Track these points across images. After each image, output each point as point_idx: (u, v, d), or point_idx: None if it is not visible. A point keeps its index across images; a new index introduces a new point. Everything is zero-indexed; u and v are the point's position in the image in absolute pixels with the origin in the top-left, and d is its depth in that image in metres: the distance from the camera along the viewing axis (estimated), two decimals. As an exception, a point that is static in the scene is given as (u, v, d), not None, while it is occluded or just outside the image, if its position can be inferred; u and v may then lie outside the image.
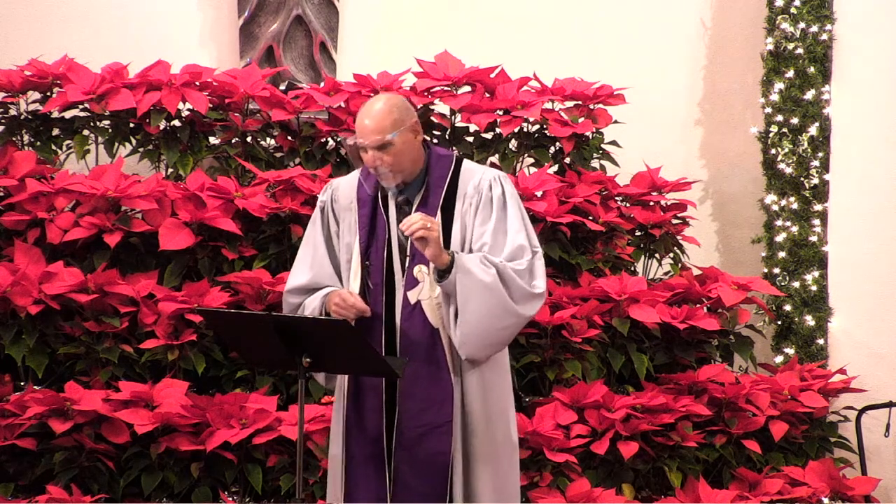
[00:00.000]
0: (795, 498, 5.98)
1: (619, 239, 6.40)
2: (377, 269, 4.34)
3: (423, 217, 4.17)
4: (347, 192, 4.44)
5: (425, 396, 4.28)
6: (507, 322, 4.25)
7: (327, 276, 4.43)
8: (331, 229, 4.46)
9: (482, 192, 4.33)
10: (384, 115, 4.25)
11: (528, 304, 4.26)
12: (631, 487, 5.91)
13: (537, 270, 4.30)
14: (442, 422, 4.27)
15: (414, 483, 4.27)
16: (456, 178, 4.36)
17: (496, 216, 4.31)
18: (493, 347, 4.30)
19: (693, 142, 7.21)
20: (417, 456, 4.28)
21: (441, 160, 4.38)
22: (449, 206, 4.33)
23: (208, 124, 6.36)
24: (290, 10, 6.80)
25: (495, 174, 4.38)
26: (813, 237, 6.78)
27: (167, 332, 5.75)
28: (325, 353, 4.14)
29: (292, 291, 4.47)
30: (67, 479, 5.46)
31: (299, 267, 4.48)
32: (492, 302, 4.21)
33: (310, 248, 4.48)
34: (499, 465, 4.35)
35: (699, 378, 6.10)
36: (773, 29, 6.89)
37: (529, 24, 7.13)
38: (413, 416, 4.29)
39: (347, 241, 4.41)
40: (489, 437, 4.33)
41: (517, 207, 4.35)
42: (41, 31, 6.77)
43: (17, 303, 5.66)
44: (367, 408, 4.34)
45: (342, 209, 4.44)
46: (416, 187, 4.35)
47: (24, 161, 6.05)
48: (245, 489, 5.61)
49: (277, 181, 6.10)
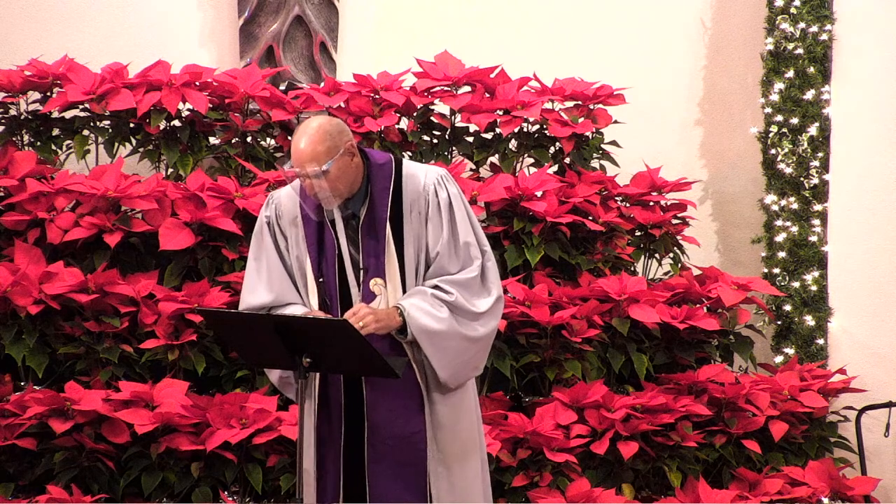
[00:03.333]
0: (795, 498, 5.98)
1: (619, 239, 6.40)
2: (331, 285, 4.29)
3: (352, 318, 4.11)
4: (290, 208, 4.35)
5: (393, 408, 4.27)
6: (474, 350, 4.27)
7: (290, 292, 4.35)
8: (280, 245, 4.38)
9: (429, 199, 4.28)
10: (318, 143, 4.15)
11: (485, 321, 4.27)
12: (631, 487, 5.91)
13: (489, 273, 4.30)
14: (413, 431, 4.27)
15: (391, 495, 4.25)
16: (399, 184, 4.29)
17: (447, 224, 4.28)
18: (476, 369, 4.33)
19: (693, 142, 7.21)
20: (392, 468, 4.26)
21: (381, 169, 4.29)
22: (396, 216, 4.28)
23: (208, 124, 6.36)
24: (290, 10, 6.80)
25: (437, 175, 4.32)
26: (813, 237, 6.78)
27: (167, 332, 5.75)
28: (325, 353, 4.14)
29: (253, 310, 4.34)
30: (67, 479, 5.46)
31: (258, 285, 4.36)
32: (455, 344, 4.23)
33: (263, 264, 4.37)
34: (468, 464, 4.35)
35: (699, 378, 6.10)
36: (773, 29, 6.89)
37: (529, 24, 7.12)
38: (382, 428, 4.26)
39: (297, 254, 4.35)
40: (459, 442, 4.32)
41: (463, 209, 4.31)
42: (41, 31, 6.77)
43: (18, 303, 5.66)
44: (335, 421, 4.31)
45: (287, 224, 4.36)
46: (359, 199, 4.29)
47: (25, 161, 6.05)
48: (245, 489, 5.61)
49: (277, 181, 6.09)
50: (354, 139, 4.28)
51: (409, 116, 6.50)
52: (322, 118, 4.26)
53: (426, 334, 4.21)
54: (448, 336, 4.22)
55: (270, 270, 4.36)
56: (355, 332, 4.12)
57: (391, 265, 4.27)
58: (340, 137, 4.20)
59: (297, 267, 4.36)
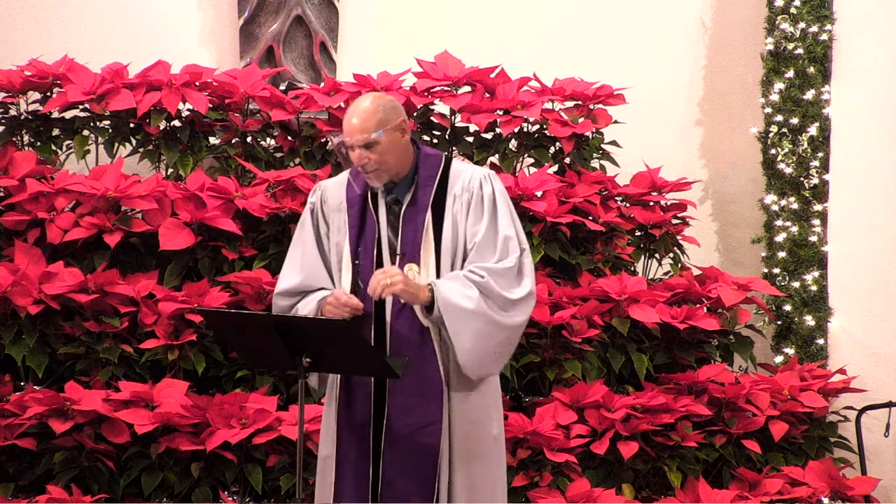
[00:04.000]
0: (795, 498, 5.98)
1: (619, 239, 6.41)
2: (367, 268, 4.32)
3: (380, 274, 4.15)
4: (336, 193, 4.43)
5: (413, 395, 4.27)
6: (500, 337, 4.26)
7: (319, 277, 4.40)
8: (321, 231, 4.44)
9: (473, 191, 4.33)
10: (370, 114, 4.25)
11: (515, 310, 4.26)
12: (631, 487, 5.91)
13: (525, 268, 4.30)
14: (430, 421, 4.27)
15: (400, 482, 4.26)
16: (445, 176, 4.35)
17: (488, 216, 4.31)
18: (498, 362, 4.31)
19: (693, 142, 7.21)
20: (405, 455, 4.27)
21: (430, 159, 4.37)
22: (439, 204, 4.32)
23: (208, 124, 6.36)
24: (290, 11, 6.80)
25: (485, 172, 4.38)
26: (813, 237, 6.78)
27: (167, 332, 5.75)
28: (325, 353, 4.14)
29: (283, 294, 4.43)
30: (67, 479, 5.47)
31: (289, 269, 4.45)
32: (479, 325, 4.21)
33: (299, 249, 4.45)
34: (485, 463, 4.34)
35: (699, 378, 6.10)
36: (773, 29, 6.89)
37: (529, 24, 7.13)
38: (401, 415, 4.27)
39: (337, 240, 4.40)
40: (476, 436, 4.32)
41: (507, 206, 4.34)
42: (41, 31, 6.77)
43: (18, 303, 5.66)
44: (358, 408, 4.33)
45: (331, 210, 4.42)
46: (405, 186, 4.34)
47: (25, 161, 6.05)
48: (245, 489, 5.61)
49: (277, 181, 6.10)
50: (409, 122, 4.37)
51: (409, 116, 6.49)
52: (377, 93, 4.37)
53: (453, 310, 4.19)
54: (475, 315, 4.20)
55: (304, 256, 4.42)
56: (355, 332, 4.12)
57: (427, 252, 4.29)
58: (394, 112, 4.28)
59: (335, 252, 4.40)
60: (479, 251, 4.29)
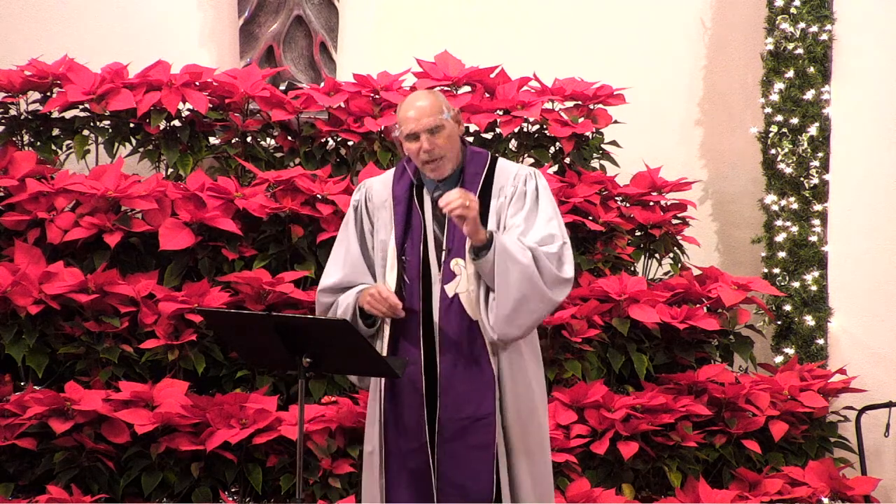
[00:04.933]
0: (795, 498, 5.98)
1: (619, 239, 6.41)
2: (413, 264, 4.37)
3: (462, 193, 4.19)
4: (381, 191, 4.48)
5: (466, 390, 4.30)
6: (537, 305, 4.28)
7: (360, 274, 4.45)
8: (364, 228, 4.49)
9: (517, 186, 4.39)
10: (433, 100, 4.35)
11: (558, 288, 4.30)
12: (631, 487, 5.91)
13: (566, 257, 4.34)
14: (484, 414, 4.29)
15: (458, 477, 4.29)
16: (491, 174, 4.41)
17: (529, 206, 4.36)
18: (521, 329, 4.31)
19: (693, 142, 7.21)
20: (461, 449, 4.30)
21: (476, 157, 4.44)
22: (484, 201, 4.36)
23: (208, 124, 6.36)
24: (290, 10, 6.80)
25: (531, 170, 4.45)
26: (813, 237, 6.79)
27: (167, 332, 5.75)
28: (325, 353, 4.15)
29: (325, 291, 4.48)
30: (67, 479, 5.46)
31: (332, 266, 4.50)
32: (526, 283, 4.24)
33: (342, 247, 4.51)
34: (534, 457, 4.38)
35: (699, 378, 6.10)
36: (773, 29, 6.89)
37: (529, 24, 7.13)
38: (454, 410, 4.30)
39: (382, 238, 4.44)
40: (525, 430, 4.36)
41: (549, 200, 4.40)
42: (41, 31, 6.77)
43: (17, 303, 5.66)
44: (406, 403, 4.36)
45: (376, 207, 4.47)
46: (451, 183, 4.39)
47: (25, 161, 6.05)
48: (245, 489, 5.61)
49: (277, 181, 6.09)
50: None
51: (409, 116, 6.49)
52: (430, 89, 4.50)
53: (507, 257, 4.22)
54: (524, 271, 4.22)
55: (347, 253, 4.48)
56: (355, 332, 4.13)
57: None
58: (450, 104, 4.40)
59: (380, 249, 4.44)
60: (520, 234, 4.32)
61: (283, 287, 5.78)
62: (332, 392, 5.76)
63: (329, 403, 5.69)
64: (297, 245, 6.01)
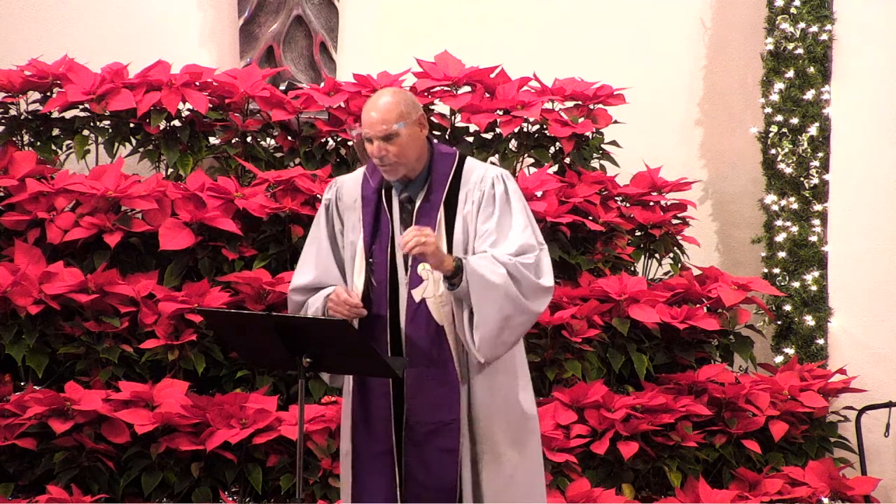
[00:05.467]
0: (795, 498, 5.98)
1: (619, 239, 6.40)
2: (381, 267, 4.34)
3: (416, 230, 4.16)
4: (352, 190, 4.44)
5: (433, 395, 4.28)
6: (520, 319, 4.25)
7: (332, 275, 4.42)
8: (335, 227, 4.45)
9: (485, 190, 4.33)
10: (391, 106, 4.28)
11: (538, 299, 4.27)
12: (631, 487, 5.91)
13: (544, 266, 4.31)
14: (450, 419, 4.27)
15: (424, 480, 4.27)
16: (459, 175, 4.36)
17: (500, 212, 4.31)
18: (506, 346, 4.29)
19: (693, 142, 7.21)
20: (428, 453, 4.28)
21: (444, 157, 4.38)
22: (452, 203, 4.32)
23: (208, 124, 6.36)
24: (290, 10, 6.80)
25: (498, 172, 4.38)
26: (813, 237, 6.78)
27: (167, 332, 5.75)
28: (325, 353, 4.14)
29: (297, 290, 4.45)
30: (67, 479, 5.46)
31: (304, 266, 4.47)
32: (505, 302, 4.20)
33: (314, 246, 4.47)
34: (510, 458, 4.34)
35: (699, 378, 6.10)
36: (773, 29, 6.89)
37: (529, 24, 7.12)
38: (422, 414, 4.28)
39: (352, 239, 4.41)
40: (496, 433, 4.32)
41: (521, 204, 4.35)
42: (41, 31, 6.76)
43: (17, 303, 5.66)
44: (374, 405, 4.34)
45: (346, 207, 4.43)
46: (419, 184, 4.35)
47: (25, 161, 6.05)
48: (245, 489, 5.61)
49: (277, 181, 6.09)
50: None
51: (408, 116, 6.49)
52: (396, 88, 4.41)
53: (480, 281, 4.18)
54: (501, 291, 4.19)
55: (318, 253, 4.44)
56: (355, 332, 4.12)
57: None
58: (413, 107, 4.31)
59: (349, 250, 4.41)
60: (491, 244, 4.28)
61: (283, 287, 5.78)
62: (332, 392, 5.76)
63: (329, 403, 5.69)
64: (297, 245, 6.00)
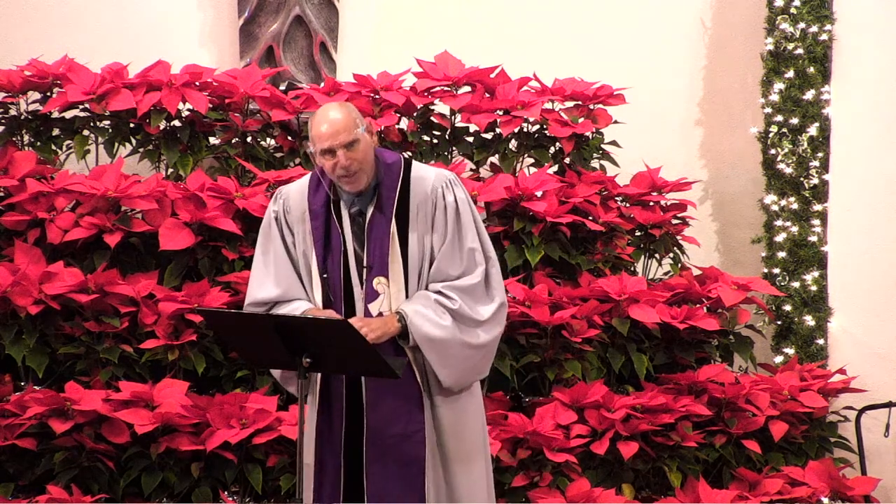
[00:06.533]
0: (795, 498, 5.98)
1: (619, 239, 6.40)
2: (335, 282, 4.30)
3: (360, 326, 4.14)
4: (298, 202, 4.37)
5: (393, 408, 4.27)
6: (477, 357, 4.29)
7: (296, 287, 4.36)
8: (287, 240, 4.39)
9: (436, 201, 4.30)
10: (346, 114, 4.24)
11: (490, 329, 4.28)
12: (631, 487, 5.91)
13: (493, 280, 4.30)
14: (413, 430, 4.26)
15: (387, 494, 4.25)
16: (407, 184, 4.31)
17: (451, 226, 4.28)
18: (481, 373, 4.34)
19: (693, 142, 7.21)
20: (391, 466, 4.26)
21: (390, 169, 4.32)
22: (403, 215, 4.29)
23: (208, 124, 6.36)
24: (290, 10, 6.80)
25: (446, 179, 4.33)
26: (813, 237, 6.78)
27: (167, 332, 5.75)
28: (325, 353, 4.14)
29: (259, 304, 4.37)
30: (67, 479, 5.46)
31: (265, 279, 4.38)
32: (458, 351, 4.24)
33: (271, 258, 4.38)
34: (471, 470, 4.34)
35: (699, 378, 6.10)
36: (773, 29, 6.89)
37: (529, 24, 7.13)
38: (380, 427, 4.27)
39: (303, 249, 4.36)
40: (461, 444, 4.32)
41: (470, 214, 4.32)
42: (41, 31, 6.77)
43: (17, 303, 5.66)
44: (334, 419, 4.32)
45: (294, 220, 4.37)
46: (367, 197, 4.30)
47: (25, 161, 6.05)
48: (245, 489, 5.61)
49: (277, 181, 6.09)
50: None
51: (409, 116, 6.50)
52: (339, 101, 4.37)
53: (429, 342, 4.22)
54: (451, 344, 4.23)
55: (278, 265, 4.37)
56: (355, 332, 4.12)
57: (395, 264, 4.27)
58: (360, 116, 4.30)
59: (303, 263, 4.37)
60: (441, 264, 4.27)
61: (283, 287, 5.78)
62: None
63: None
64: (297, 245, 6.01)
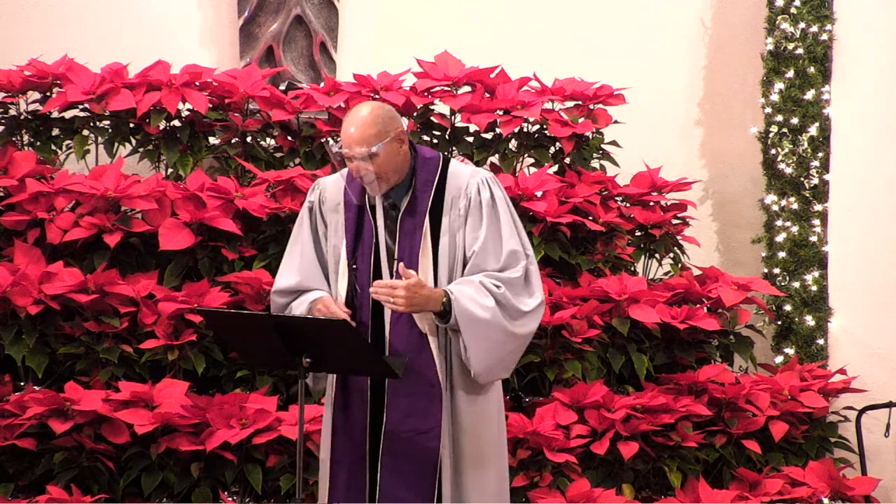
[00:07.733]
0: (795, 498, 5.98)
1: (619, 239, 6.40)
2: (364, 272, 4.30)
3: (388, 289, 4.14)
4: (334, 194, 4.40)
5: (412, 402, 4.26)
6: (513, 346, 4.27)
7: (316, 278, 4.38)
8: (318, 230, 4.42)
9: (471, 197, 4.29)
10: (369, 126, 4.21)
11: (529, 322, 4.28)
12: (631, 487, 5.91)
13: (533, 276, 4.30)
14: (428, 427, 4.25)
15: (398, 489, 4.25)
16: (443, 181, 4.32)
17: (487, 222, 4.28)
18: (506, 370, 4.32)
19: (693, 142, 7.21)
20: (403, 461, 4.26)
21: (427, 163, 4.33)
22: (437, 210, 4.29)
23: (208, 124, 6.36)
24: (290, 10, 6.80)
25: (483, 176, 4.33)
26: (813, 237, 6.78)
27: (167, 332, 5.75)
28: (325, 353, 4.14)
29: (280, 292, 4.42)
30: (67, 479, 5.46)
31: (287, 268, 4.43)
32: (496, 336, 4.22)
33: (297, 248, 4.43)
34: (488, 468, 4.33)
35: (699, 378, 6.10)
36: (773, 29, 6.89)
37: (529, 24, 7.13)
38: (399, 422, 4.26)
39: (334, 243, 4.37)
40: (479, 441, 4.31)
41: (507, 211, 4.32)
42: (41, 31, 6.77)
43: (17, 303, 5.66)
44: (354, 412, 4.32)
45: (329, 210, 4.40)
46: (402, 191, 4.31)
47: (24, 161, 6.05)
48: (245, 489, 5.61)
49: (277, 181, 6.10)
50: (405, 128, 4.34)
51: (409, 116, 6.50)
52: (375, 103, 4.32)
53: (470, 321, 4.19)
54: (491, 326, 4.20)
55: (303, 255, 4.40)
56: (355, 332, 4.12)
57: (425, 257, 4.28)
58: (392, 123, 4.25)
59: (332, 254, 4.38)
60: (478, 259, 4.26)
61: (283, 287, 5.78)
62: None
63: (329, 403, 5.69)
64: (297, 245, 6.01)
